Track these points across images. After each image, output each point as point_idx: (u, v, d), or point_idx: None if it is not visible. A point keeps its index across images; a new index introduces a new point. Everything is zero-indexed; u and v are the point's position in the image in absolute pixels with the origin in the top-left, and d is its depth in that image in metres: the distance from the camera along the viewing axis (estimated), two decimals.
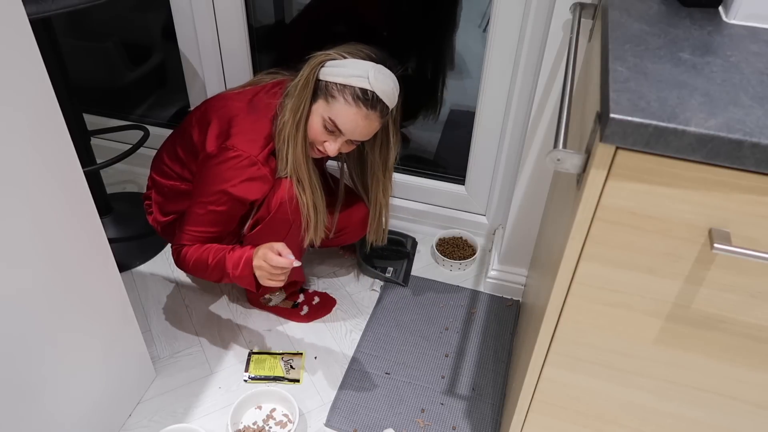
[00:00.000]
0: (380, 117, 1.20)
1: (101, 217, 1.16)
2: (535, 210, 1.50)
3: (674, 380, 0.85)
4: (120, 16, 1.96)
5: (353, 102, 1.16)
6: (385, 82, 1.16)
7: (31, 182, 0.93)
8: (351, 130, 1.19)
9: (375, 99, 1.16)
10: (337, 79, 1.16)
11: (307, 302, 1.61)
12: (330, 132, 1.21)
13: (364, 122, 1.18)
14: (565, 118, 0.79)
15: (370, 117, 1.18)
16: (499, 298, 1.67)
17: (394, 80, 1.19)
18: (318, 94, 1.20)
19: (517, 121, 1.51)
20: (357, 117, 1.17)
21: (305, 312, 1.59)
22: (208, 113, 1.30)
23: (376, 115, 1.19)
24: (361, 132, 1.21)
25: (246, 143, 1.21)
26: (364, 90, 1.15)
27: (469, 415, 1.37)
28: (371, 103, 1.16)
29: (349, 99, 1.16)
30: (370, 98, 1.16)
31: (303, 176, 1.27)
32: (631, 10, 0.87)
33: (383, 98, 1.17)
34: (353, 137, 1.22)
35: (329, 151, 1.24)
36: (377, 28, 1.75)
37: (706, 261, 0.72)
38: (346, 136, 1.21)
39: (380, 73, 1.16)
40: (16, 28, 0.86)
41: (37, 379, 1.04)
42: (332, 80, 1.17)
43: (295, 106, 1.20)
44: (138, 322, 1.33)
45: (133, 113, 2.12)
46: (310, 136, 1.23)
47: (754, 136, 0.60)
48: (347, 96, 1.16)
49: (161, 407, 1.38)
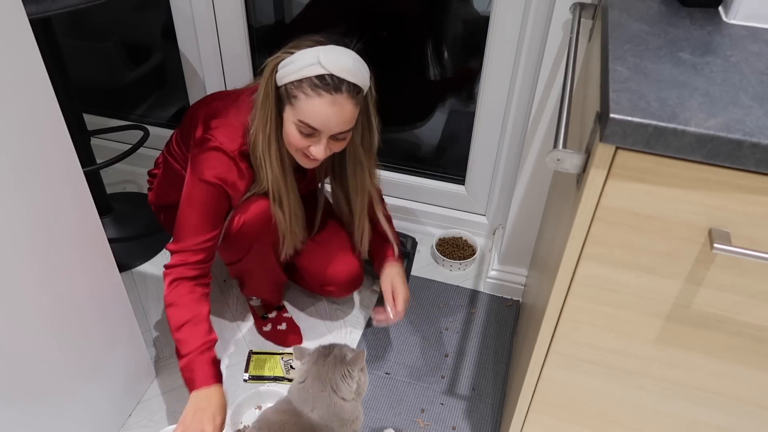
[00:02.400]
0: (351, 98, 1.08)
1: (101, 217, 1.16)
2: (535, 210, 1.50)
3: (674, 380, 0.85)
4: (120, 16, 1.96)
5: (313, 92, 1.05)
6: (339, 60, 1.05)
7: (31, 182, 0.93)
8: (325, 123, 1.08)
9: (336, 80, 1.05)
10: (292, 77, 1.07)
11: (274, 322, 1.56)
12: (308, 135, 1.11)
13: (333, 109, 1.07)
14: (565, 118, 0.79)
15: (338, 101, 1.06)
16: (499, 298, 1.67)
17: (353, 56, 1.08)
18: (283, 101, 1.11)
19: (517, 121, 1.51)
20: (323, 107, 1.06)
21: (267, 329, 1.55)
22: (200, 107, 1.28)
23: (346, 98, 1.07)
24: (337, 121, 1.09)
25: (225, 137, 1.16)
26: (320, 76, 1.04)
27: (469, 415, 1.37)
28: (333, 86, 1.05)
29: (308, 91, 1.06)
30: (329, 82, 1.05)
31: (282, 193, 1.21)
32: (631, 10, 0.87)
33: (345, 76, 1.05)
34: (334, 130, 1.11)
35: (317, 156, 1.13)
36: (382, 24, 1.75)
37: (706, 261, 0.72)
38: (325, 133, 1.11)
39: (331, 52, 1.05)
40: (16, 28, 0.86)
41: (37, 379, 1.04)
42: (288, 81, 1.08)
43: (262, 120, 1.13)
44: (138, 322, 1.33)
45: (133, 113, 2.12)
46: (291, 146, 1.15)
47: (754, 136, 0.60)
48: (306, 89, 1.06)
49: (161, 407, 1.38)
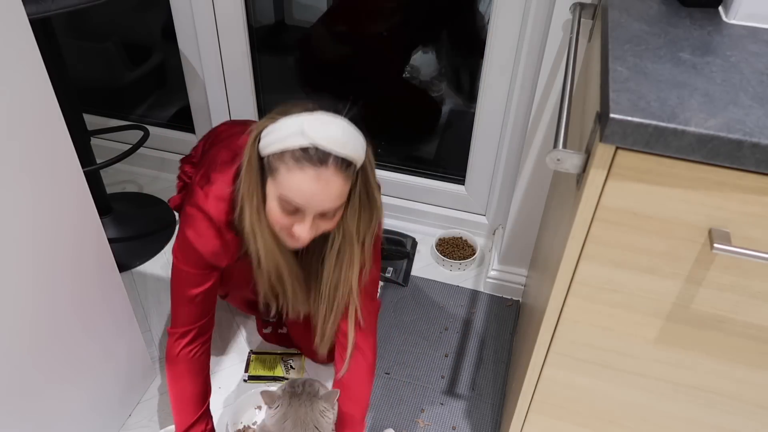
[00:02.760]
0: (339, 172, 0.93)
1: (101, 217, 1.16)
2: (535, 210, 1.50)
3: (674, 380, 0.85)
4: (120, 16, 1.96)
5: (295, 165, 0.92)
6: (326, 130, 0.92)
7: (31, 182, 0.93)
8: (307, 200, 0.94)
9: (321, 153, 0.91)
10: (274, 148, 0.93)
11: (275, 325, 1.54)
12: (291, 213, 0.97)
13: (318, 186, 0.92)
14: (565, 118, 0.79)
15: (323, 176, 0.92)
16: (499, 298, 1.67)
17: (343, 125, 0.94)
18: (266, 173, 0.98)
19: (517, 121, 1.51)
20: (305, 181, 0.92)
21: (268, 330, 1.54)
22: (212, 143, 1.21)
23: (333, 172, 0.92)
24: (322, 199, 0.94)
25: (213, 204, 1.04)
26: (303, 148, 0.91)
27: (469, 415, 1.37)
28: (317, 158, 0.91)
29: (290, 164, 0.92)
30: (313, 154, 0.91)
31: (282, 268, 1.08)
32: (631, 10, 0.87)
33: (332, 148, 0.91)
34: (319, 208, 0.96)
35: (302, 236, 0.98)
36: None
37: (706, 261, 0.72)
38: (309, 212, 0.96)
39: (317, 121, 0.93)
40: (16, 28, 0.86)
41: (37, 379, 1.04)
42: (271, 151, 0.94)
43: (247, 193, 0.99)
44: (138, 322, 1.33)
45: (133, 113, 2.12)
46: (274, 224, 1.01)
47: (754, 136, 0.60)
48: (287, 161, 0.92)
49: (161, 407, 1.38)
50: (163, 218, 1.90)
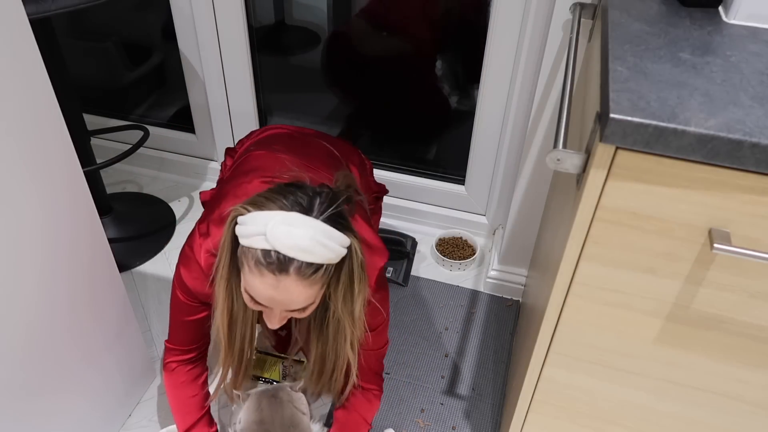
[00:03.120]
0: (302, 279, 0.86)
1: (101, 217, 1.16)
2: (535, 210, 1.50)
3: (674, 380, 0.85)
4: (120, 16, 1.96)
5: (255, 269, 0.86)
6: (292, 236, 0.84)
7: (31, 182, 0.93)
8: (269, 303, 0.90)
9: (283, 259, 0.84)
10: (243, 242, 0.88)
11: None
12: (259, 304, 0.93)
13: (276, 293, 0.87)
14: (565, 118, 0.79)
15: (282, 284, 0.86)
16: (499, 298, 1.67)
17: (313, 229, 0.85)
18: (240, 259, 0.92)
19: (517, 121, 1.51)
20: (263, 287, 0.87)
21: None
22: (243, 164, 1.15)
23: (294, 280, 0.85)
24: (283, 304, 0.89)
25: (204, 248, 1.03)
26: (265, 251, 0.85)
27: (469, 415, 1.37)
28: (278, 266, 0.84)
29: (251, 266, 0.86)
30: (274, 260, 0.84)
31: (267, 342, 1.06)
32: (631, 10, 0.87)
33: (295, 255, 0.84)
34: (282, 309, 0.91)
35: (270, 325, 0.95)
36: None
37: (706, 261, 0.72)
38: (275, 309, 0.92)
39: (284, 225, 0.84)
40: (16, 28, 0.86)
41: (36, 379, 1.04)
42: (241, 243, 0.88)
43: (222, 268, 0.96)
44: (138, 322, 1.33)
45: (133, 113, 2.12)
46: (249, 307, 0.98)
47: (754, 136, 0.60)
48: (250, 262, 0.87)
49: (161, 407, 1.38)
50: (163, 218, 1.90)
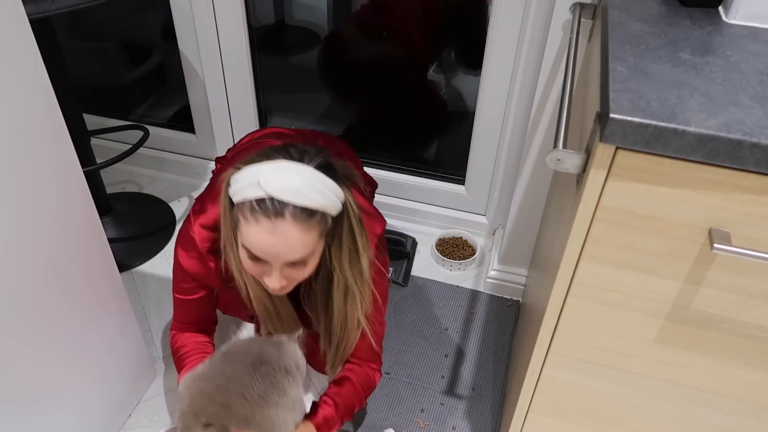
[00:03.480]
0: (299, 223, 0.88)
1: (101, 217, 1.16)
2: (535, 210, 1.50)
3: (674, 380, 0.85)
4: (120, 16, 1.96)
5: (251, 218, 0.88)
6: (284, 179, 0.87)
7: (31, 182, 0.93)
8: (266, 253, 0.91)
9: (277, 204, 0.87)
10: (237, 198, 0.91)
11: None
12: (258, 262, 0.94)
13: (274, 239, 0.88)
14: (565, 118, 0.79)
15: (279, 229, 0.88)
16: (499, 298, 1.67)
17: (306, 174, 0.88)
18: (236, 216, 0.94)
19: (517, 121, 1.51)
20: (260, 234, 0.89)
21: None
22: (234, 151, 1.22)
23: (291, 224, 0.87)
24: (280, 252, 0.90)
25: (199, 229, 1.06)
26: (259, 199, 0.87)
27: (469, 415, 1.37)
28: (273, 210, 0.87)
29: (247, 216, 0.89)
30: (268, 206, 0.87)
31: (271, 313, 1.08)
32: (631, 10, 0.87)
33: (289, 199, 0.87)
34: (282, 260, 0.92)
35: (272, 288, 0.96)
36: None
37: (706, 261, 0.72)
38: (274, 264, 0.93)
39: (276, 171, 0.88)
40: (16, 28, 0.86)
41: (36, 379, 1.04)
42: (236, 201, 0.92)
43: (227, 238, 0.98)
44: (138, 322, 1.33)
45: (133, 113, 2.12)
46: (248, 272, 1.00)
47: (754, 136, 0.60)
48: (245, 213, 0.89)
49: (161, 407, 1.38)
50: (163, 218, 1.90)
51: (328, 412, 1.11)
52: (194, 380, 0.94)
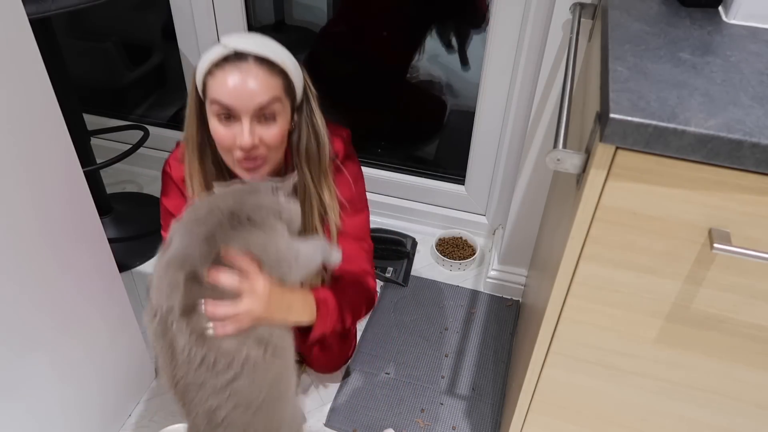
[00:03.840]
0: (262, 66, 0.96)
1: (101, 217, 1.16)
2: (535, 210, 1.50)
3: (674, 380, 0.85)
4: (120, 16, 1.96)
5: (218, 71, 0.96)
6: (241, 37, 0.97)
7: (31, 182, 0.93)
8: (236, 95, 0.95)
9: (240, 54, 0.95)
10: (202, 70, 0.98)
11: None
12: (227, 119, 0.98)
13: (239, 76, 0.95)
14: (565, 118, 0.79)
15: (243, 68, 0.95)
16: (499, 298, 1.67)
17: (265, 38, 0.99)
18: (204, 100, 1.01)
19: (517, 121, 1.51)
20: (227, 77, 0.95)
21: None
22: None
23: (253, 65, 0.95)
24: (248, 91, 0.95)
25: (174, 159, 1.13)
26: (222, 55, 0.96)
27: (469, 415, 1.37)
28: (236, 57, 0.95)
29: (215, 72, 0.96)
30: (232, 55, 0.95)
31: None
32: (631, 10, 0.87)
33: (250, 50, 0.96)
34: (250, 104, 0.96)
35: (243, 142, 0.98)
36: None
37: (706, 261, 0.72)
38: (244, 112, 0.97)
39: (233, 35, 0.99)
40: (16, 28, 0.86)
41: (36, 379, 1.04)
42: (201, 75, 0.99)
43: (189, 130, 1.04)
44: (138, 322, 1.33)
45: (133, 113, 2.12)
46: (221, 146, 1.02)
47: (754, 136, 0.60)
48: (213, 71, 0.96)
49: (161, 407, 1.38)
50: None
51: (324, 294, 1.07)
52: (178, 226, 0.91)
